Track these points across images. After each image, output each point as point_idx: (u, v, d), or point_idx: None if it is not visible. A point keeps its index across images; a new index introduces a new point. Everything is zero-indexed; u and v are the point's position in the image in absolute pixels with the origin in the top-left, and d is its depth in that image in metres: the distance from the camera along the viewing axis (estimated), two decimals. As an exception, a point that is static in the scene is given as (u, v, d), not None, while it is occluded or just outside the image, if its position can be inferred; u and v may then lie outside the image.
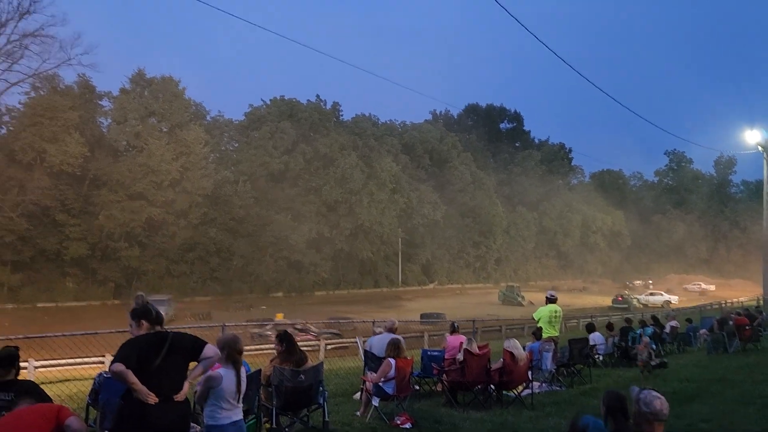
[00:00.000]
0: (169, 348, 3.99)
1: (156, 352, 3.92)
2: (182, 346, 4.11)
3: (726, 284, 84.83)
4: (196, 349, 4.17)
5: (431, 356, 10.34)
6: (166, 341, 4.02)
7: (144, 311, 4.24)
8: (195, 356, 4.16)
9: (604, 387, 10.34)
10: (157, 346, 3.96)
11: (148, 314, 4.22)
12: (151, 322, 4.19)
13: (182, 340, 4.15)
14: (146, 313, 4.22)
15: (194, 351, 4.16)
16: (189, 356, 4.14)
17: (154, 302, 4.72)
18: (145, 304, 4.33)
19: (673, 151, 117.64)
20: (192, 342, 4.21)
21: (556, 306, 11.81)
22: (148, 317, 4.21)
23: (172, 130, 57.21)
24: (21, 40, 46.21)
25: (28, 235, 47.37)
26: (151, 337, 4.06)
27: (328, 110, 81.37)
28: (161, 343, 3.99)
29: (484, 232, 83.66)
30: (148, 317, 4.21)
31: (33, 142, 47.75)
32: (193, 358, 4.16)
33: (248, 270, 60.81)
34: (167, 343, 4.00)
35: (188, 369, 4.20)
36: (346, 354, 19.65)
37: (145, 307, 4.28)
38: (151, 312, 4.25)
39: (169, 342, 4.02)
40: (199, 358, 4.17)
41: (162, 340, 4.01)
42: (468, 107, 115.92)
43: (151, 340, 4.02)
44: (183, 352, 4.10)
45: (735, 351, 15.41)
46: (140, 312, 4.21)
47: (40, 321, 37.61)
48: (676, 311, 35.89)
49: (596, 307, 54.45)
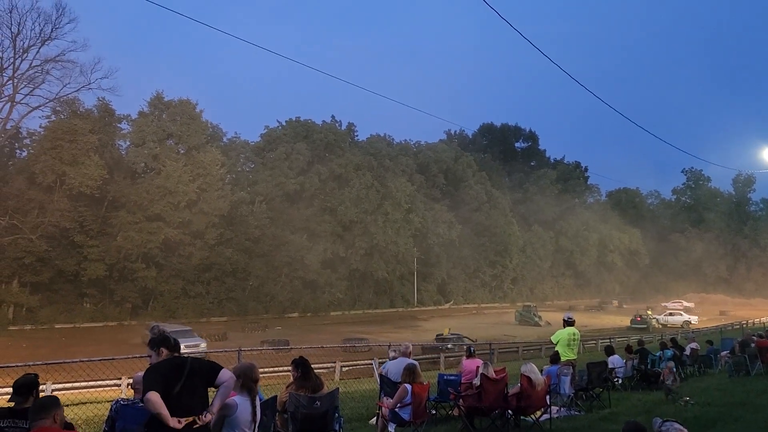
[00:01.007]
0: (189, 372, 4.12)
1: (178, 376, 4.06)
2: (201, 370, 4.24)
3: (747, 303, 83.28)
4: (213, 374, 4.29)
5: (447, 380, 10.25)
6: (186, 366, 4.15)
7: (162, 339, 4.38)
8: (212, 381, 4.26)
9: (624, 411, 10.20)
10: (179, 370, 4.10)
11: (167, 342, 4.37)
12: (170, 349, 4.34)
13: (200, 365, 4.29)
14: (165, 341, 4.36)
15: (211, 375, 4.29)
16: (206, 380, 4.28)
17: (175, 332, 4.84)
18: (162, 333, 4.45)
19: (690, 169, 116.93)
20: (209, 367, 4.34)
21: (574, 329, 11.68)
22: (167, 345, 4.35)
23: (189, 151, 57.93)
24: (43, 65, 47.31)
25: (47, 256, 47.95)
26: (172, 361, 4.19)
27: (343, 131, 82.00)
28: (182, 368, 4.13)
29: (499, 252, 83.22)
30: (167, 344, 4.35)
31: (53, 164, 48.55)
32: (210, 382, 4.27)
33: (264, 290, 60.93)
34: (187, 368, 4.14)
35: (206, 393, 4.28)
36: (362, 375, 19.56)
37: (163, 335, 4.42)
38: (170, 339, 4.41)
39: (189, 367, 4.15)
40: (215, 382, 4.26)
41: (182, 365, 4.16)
42: (483, 126, 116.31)
43: (172, 364, 4.15)
44: (201, 377, 4.22)
45: (757, 374, 15.07)
46: (159, 341, 4.35)
47: (57, 342, 37.92)
48: (696, 332, 35.27)
49: (614, 328, 53.67)
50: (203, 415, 4.08)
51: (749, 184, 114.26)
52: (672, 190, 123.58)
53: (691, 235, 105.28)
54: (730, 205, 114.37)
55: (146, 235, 51.57)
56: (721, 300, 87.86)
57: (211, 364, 4.40)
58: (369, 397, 11.32)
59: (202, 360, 4.42)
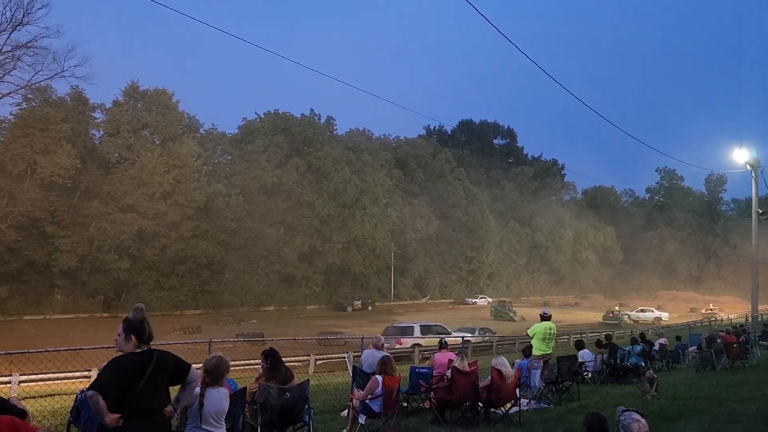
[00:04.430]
0: (154, 368, 3.90)
1: (141, 373, 3.83)
2: (167, 366, 4.02)
3: (716, 301, 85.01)
4: (180, 372, 4.10)
5: (419, 373, 10.29)
6: (152, 361, 3.92)
7: (138, 326, 4.05)
8: (179, 379, 4.10)
9: (592, 404, 10.34)
10: (142, 367, 3.87)
11: (140, 330, 4.05)
12: (140, 339, 4.05)
13: (167, 361, 4.05)
14: (139, 329, 4.06)
15: (178, 373, 4.09)
16: (172, 378, 4.06)
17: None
18: (141, 320, 4.16)
19: (664, 168, 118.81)
20: (176, 364, 4.12)
21: (551, 323, 11.80)
22: (139, 333, 4.05)
23: (165, 142, 57.16)
24: (13, 51, 46.15)
25: (17, 246, 46.99)
26: (136, 357, 3.94)
27: (322, 124, 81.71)
28: (146, 363, 3.89)
29: (476, 247, 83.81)
30: (140, 333, 4.05)
31: (24, 153, 47.57)
32: (177, 380, 4.09)
33: (239, 283, 60.52)
34: (152, 364, 3.91)
35: (168, 390, 4.12)
36: (336, 368, 19.55)
37: (141, 322, 4.12)
38: (144, 329, 4.07)
39: (155, 362, 3.93)
40: (184, 382, 4.11)
41: (147, 360, 3.91)
42: (461, 123, 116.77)
43: (135, 361, 3.91)
44: (167, 373, 4.01)
45: (723, 368, 15.44)
46: (133, 326, 4.03)
47: (26, 333, 37.22)
48: (666, 328, 35.94)
49: (587, 323, 54.41)
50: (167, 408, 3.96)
51: (721, 184, 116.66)
52: (646, 189, 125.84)
53: (663, 234, 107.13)
54: (702, 204, 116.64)
55: (119, 226, 50.84)
56: (692, 297, 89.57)
57: (179, 361, 4.16)
58: (341, 390, 11.33)
59: (169, 355, 4.14)
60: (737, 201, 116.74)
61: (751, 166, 27.65)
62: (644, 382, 11.76)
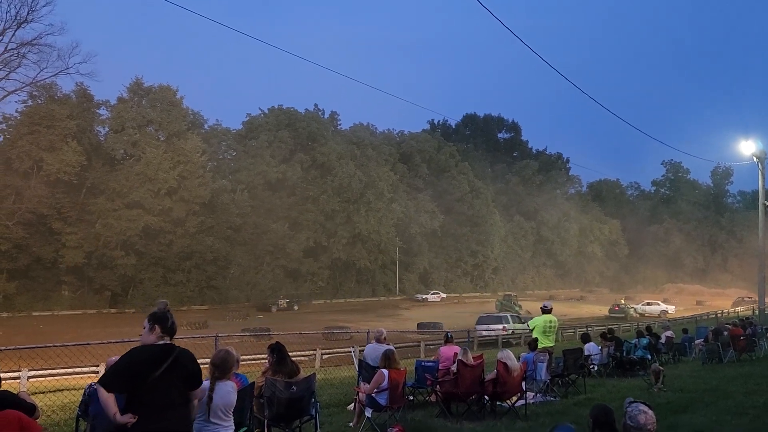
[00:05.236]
0: (172, 363, 3.87)
1: (154, 365, 3.80)
2: (185, 366, 3.96)
3: (723, 294, 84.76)
4: (194, 380, 4.06)
5: (425, 367, 10.30)
6: (170, 356, 3.90)
7: (162, 317, 4.10)
8: (191, 385, 4.05)
9: (599, 397, 10.35)
10: (158, 360, 3.83)
11: (163, 321, 4.09)
12: (164, 330, 4.08)
13: (187, 362, 4.00)
14: (162, 320, 4.09)
15: (192, 380, 4.04)
16: (187, 380, 4.00)
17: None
18: (165, 311, 4.21)
19: (670, 161, 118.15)
20: (194, 371, 4.07)
21: (551, 316, 11.80)
22: (163, 324, 4.08)
23: (170, 138, 57.28)
24: (18, 48, 46.25)
25: (24, 243, 47.29)
26: (153, 349, 3.93)
27: (326, 119, 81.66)
28: (163, 356, 3.86)
29: (481, 242, 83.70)
30: (163, 324, 4.08)
31: (30, 150, 47.78)
32: (189, 385, 4.03)
33: (245, 279, 60.69)
34: (171, 358, 3.88)
35: (185, 391, 4.05)
36: (342, 363, 19.61)
37: (164, 313, 4.16)
38: (167, 320, 4.12)
39: (174, 357, 3.90)
40: (192, 391, 4.07)
41: (165, 354, 3.89)
42: (466, 117, 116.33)
43: (152, 353, 3.90)
44: (184, 371, 3.96)
45: (729, 361, 15.39)
46: (158, 317, 4.06)
47: (35, 329, 37.46)
48: (672, 321, 35.86)
49: (593, 317, 54.36)
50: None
51: (727, 177, 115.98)
52: (651, 182, 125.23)
53: (669, 227, 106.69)
54: (708, 196, 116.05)
55: (126, 222, 51.02)
56: (698, 290, 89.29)
57: (198, 371, 4.10)
58: (348, 384, 11.37)
59: (193, 360, 4.08)
60: (744, 193, 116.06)
61: (757, 158, 27.58)
62: (651, 375, 11.75)
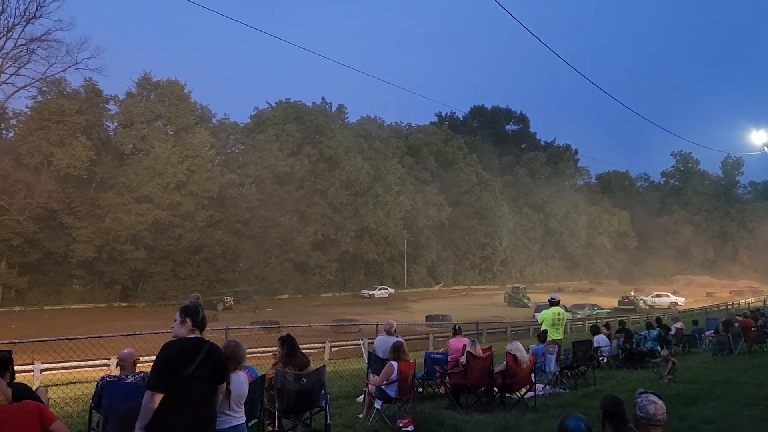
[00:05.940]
0: (204, 357, 3.90)
1: (189, 359, 3.83)
2: (215, 361, 4.00)
3: (733, 285, 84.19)
4: (224, 374, 4.10)
5: (434, 359, 10.34)
6: (202, 350, 3.92)
7: (193, 310, 4.12)
8: (219, 379, 4.06)
9: (608, 389, 10.35)
10: (192, 354, 3.86)
11: (195, 314, 4.10)
12: (195, 323, 4.10)
13: (218, 357, 4.05)
14: (194, 313, 4.11)
15: (222, 374, 4.08)
16: (216, 374, 4.03)
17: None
18: (197, 305, 4.23)
19: (679, 152, 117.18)
20: (224, 365, 4.13)
21: (559, 308, 11.79)
22: (194, 317, 4.10)
23: (178, 133, 57.47)
24: (28, 44, 46.65)
25: (35, 238, 47.67)
26: (186, 344, 3.95)
27: (334, 113, 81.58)
28: (196, 351, 3.89)
29: (489, 234, 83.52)
30: (194, 317, 4.10)
31: (40, 145, 48.07)
32: (218, 379, 4.06)
33: (254, 272, 60.93)
34: (203, 352, 3.91)
35: (215, 386, 4.09)
36: (351, 355, 19.70)
37: (196, 307, 4.18)
38: (199, 313, 4.14)
39: (206, 351, 3.93)
40: (217, 385, 4.08)
41: (197, 348, 3.92)
42: (473, 109, 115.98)
43: (185, 348, 3.91)
44: (214, 368, 3.99)
45: (740, 353, 15.32)
46: (189, 310, 4.09)
47: (47, 323, 37.82)
48: (682, 313, 35.70)
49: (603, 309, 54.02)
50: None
51: (737, 167, 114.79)
52: (661, 173, 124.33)
53: (679, 218, 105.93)
54: (718, 187, 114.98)
55: (135, 216, 51.30)
56: (708, 282, 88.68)
57: (226, 368, 4.17)
58: (357, 376, 11.42)
59: (220, 352, 4.13)
60: (755, 184, 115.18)
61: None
62: (662, 364, 11.74)
